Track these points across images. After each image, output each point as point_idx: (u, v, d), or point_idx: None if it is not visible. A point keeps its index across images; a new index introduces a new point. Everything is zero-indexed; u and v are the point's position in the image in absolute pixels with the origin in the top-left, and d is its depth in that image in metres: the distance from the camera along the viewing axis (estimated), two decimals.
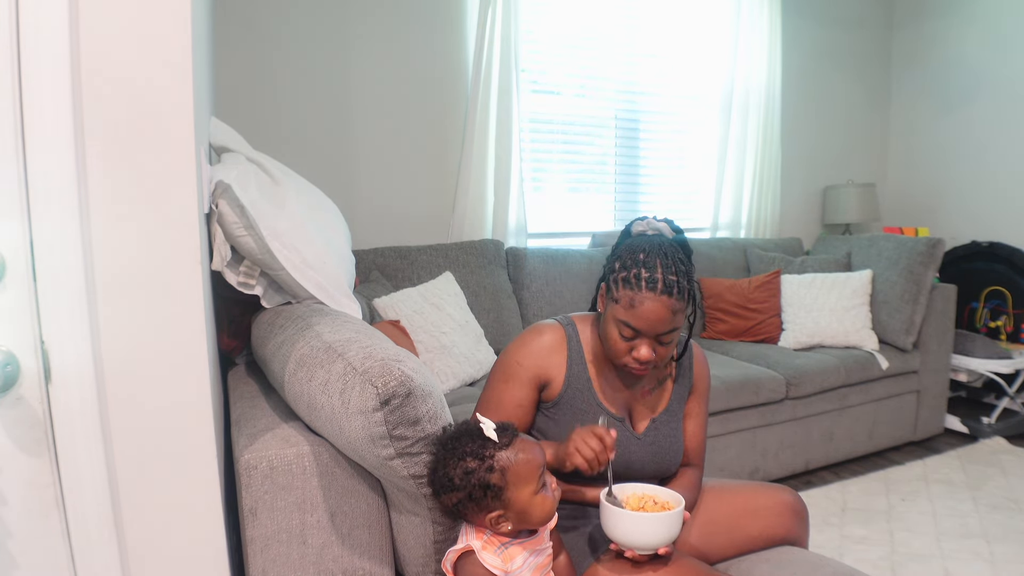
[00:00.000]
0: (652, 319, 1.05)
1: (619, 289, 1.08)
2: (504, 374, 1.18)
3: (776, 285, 2.87)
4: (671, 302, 1.05)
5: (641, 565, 1.01)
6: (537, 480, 0.93)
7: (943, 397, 2.95)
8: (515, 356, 1.17)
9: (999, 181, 3.35)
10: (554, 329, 1.20)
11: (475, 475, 0.90)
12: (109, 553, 0.82)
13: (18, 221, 0.74)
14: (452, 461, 0.91)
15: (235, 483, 1.01)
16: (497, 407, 1.16)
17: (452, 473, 0.91)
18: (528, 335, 1.19)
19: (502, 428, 0.95)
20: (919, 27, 3.70)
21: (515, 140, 2.73)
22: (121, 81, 0.79)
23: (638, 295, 1.05)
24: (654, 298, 1.05)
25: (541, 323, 1.22)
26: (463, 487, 0.90)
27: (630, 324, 1.07)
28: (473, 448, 0.92)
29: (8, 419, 0.76)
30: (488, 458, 0.91)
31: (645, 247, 1.09)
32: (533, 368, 1.17)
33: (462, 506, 0.93)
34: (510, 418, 1.13)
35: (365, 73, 2.60)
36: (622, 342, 1.09)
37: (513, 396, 1.16)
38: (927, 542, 2.08)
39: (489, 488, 0.90)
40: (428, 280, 2.39)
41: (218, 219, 1.20)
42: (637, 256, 1.08)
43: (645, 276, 1.05)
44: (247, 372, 1.45)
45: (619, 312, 1.08)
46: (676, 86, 3.23)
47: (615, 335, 1.10)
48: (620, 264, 1.10)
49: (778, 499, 1.24)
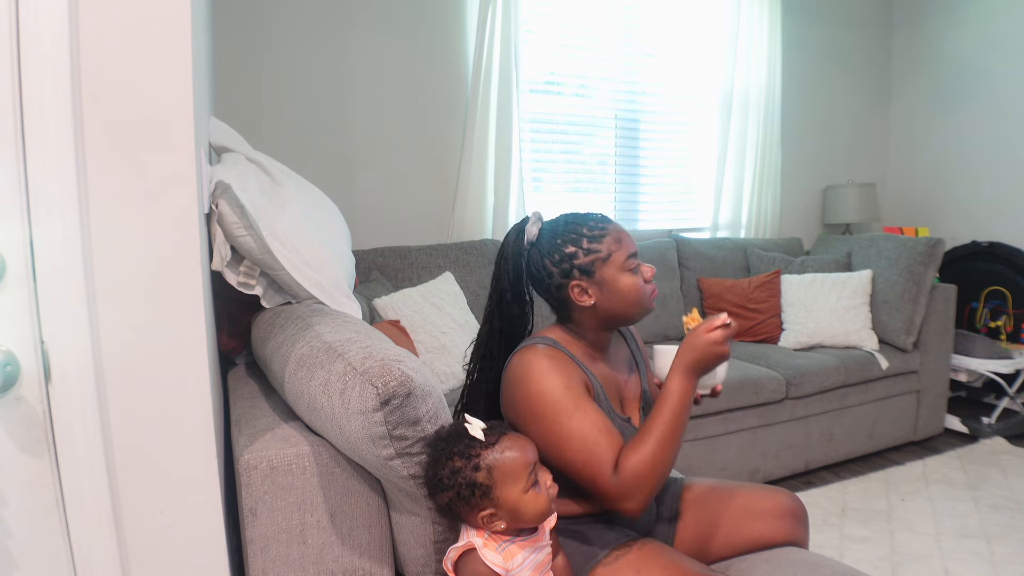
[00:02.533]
0: (631, 236, 1.14)
1: (598, 248, 1.10)
2: (568, 407, 1.02)
3: (776, 285, 2.87)
4: None
5: (642, 565, 1.01)
6: (526, 478, 0.93)
7: (943, 397, 2.95)
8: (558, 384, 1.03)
9: (999, 181, 3.35)
10: (548, 348, 1.09)
11: (461, 474, 0.91)
12: (109, 553, 0.82)
13: (18, 221, 0.74)
14: (441, 461, 0.93)
15: (235, 483, 1.01)
16: (593, 433, 1.01)
17: (441, 473, 0.92)
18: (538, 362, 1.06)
19: (490, 427, 0.96)
20: (919, 27, 3.70)
21: (515, 140, 2.73)
22: (121, 81, 0.79)
23: (611, 232, 1.12)
24: (616, 225, 1.14)
25: (531, 347, 1.09)
26: (451, 486, 0.92)
27: (632, 253, 1.12)
28: (460, 448, 0.93)
29: (8, 419, 0.76)
30: (474, 457, 0.92)
31: (561, 220, 1.14)
32: (580, 381, 1.06)
33: (454, 505, 0.94)
34: (612, 430, 1.02)
35: (365, 73, 2.60)
36: (635, 276, 1.11)
37: (596, 414, 1.03)
38: (927, 542, 2.08)
39: (476, 486, 0.91)
40: (428, 280, 2.39)
41: (218, 219, 1.20)
42: (570, 226, 1.12)
43: (594, 219, 1.13)
44: (247, 372, 1.45)
45: (618, 256, 1.10)
46: (676, 86, 3.23)
47: (631, 279, 1.11)
48: (571, 244, 1.11)
49: (777, 502, 1.24)
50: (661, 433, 1.00)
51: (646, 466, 0.98)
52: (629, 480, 0.98)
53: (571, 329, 1.16)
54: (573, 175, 3.09)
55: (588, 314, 1.13)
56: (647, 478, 0.98)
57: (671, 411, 1.01)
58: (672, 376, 1.04)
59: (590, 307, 1.12)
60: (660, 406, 1.02)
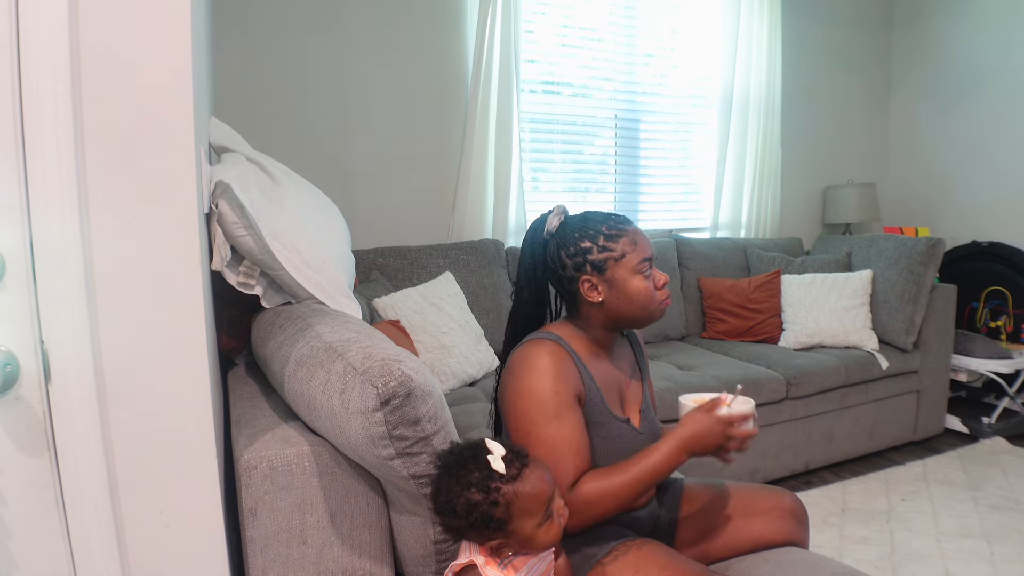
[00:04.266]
0: (649, 241, 1.14)
1: (612, 247, 1.11)
2: (549, 412, 1.04)
3: (776, 285, 2.87)
4: None
5: (641, 565, 1.01)
6: (543, 512, 0.90)
7: (943, 397, 2.95)
8: (548, 387, 1.05)
9: (999, 181, 3.35)
10: (552, 343, 1.09)
11: (479, 509, 0.88)
12: (109, 553, 0.82)
13: (18, 221, 0.74)
14: (456, 489, 0.89)
15: (235, 483, 1.01)
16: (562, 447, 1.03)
17: (455, 502, 0.88)
18: (539, 359, 1.07)
19: (512, 456, 0.91)
20: (919, 26, 3.70)
21: (515, 140, 2.73)
22: (121, 81, 0.79)
23: (628, 233, 1.12)
24: (635, 228, 1.14)
25: (537, 341, 1.10)
26: (464, 517, 0.88)
27: (647, 257, 1.12)
28: (479, 478, 0.88)
29: (8, 419, 0.76)
30: (493, 491, 0.88)
31: (583, 216, 1.15)
32: (572, 389, 1.07)
33: (463, 531, 0.91)
34: (582, 450, 1.05)
35: (365, 73, 2.60)
36: (648, 280, 1.12)
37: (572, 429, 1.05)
38: (927, 542, 2.08)
39: (492, 521, 0.88)
40: (428, 280, 2.39)
41: (218, 219, 1.20)
42: (589, 222, 1.13)
43: (615, 219, 1.13)
44: (247, 372, 1.45)
45: (632, 259, 1.11)
46: (676, 86, 3.23)
47: (641, 283, 1.11)
48: (587, 240, 1.12)
49: (777, 502, 1.24)
50: (631, 478, 1.03)
51: (599, 497, 1.02)
52: (579, 502, 1.02)
53: (578, 324, 1.17)
54: (573, 175, 3.09)
55: (596, 311, 1.14)
56: (595, 506, 1.02)
57: (651, 467, 1.04)
58: (668, 440, 1.06)
59: (598, 304, 1.13)
60: (646, 456, 1.05)
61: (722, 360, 2.56)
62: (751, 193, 3.33)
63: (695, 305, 3.01)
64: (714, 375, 2.36)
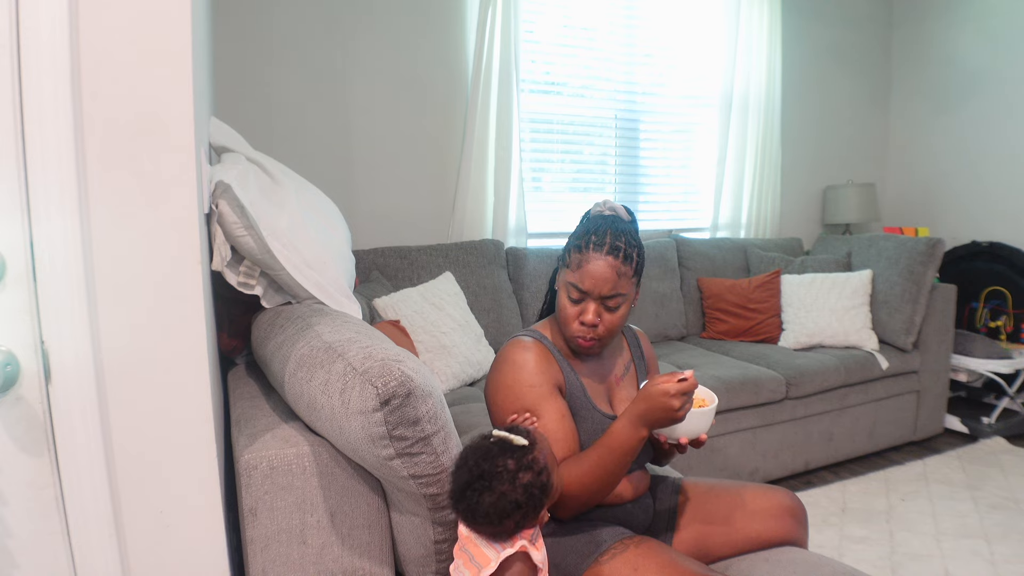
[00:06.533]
0: (597, 277, 1.09)
1: (570, 255, 1.14)
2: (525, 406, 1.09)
3: (776, 285, 2.87)
4: (616, 263, 1.09)
5: (640, 563, 1.01)
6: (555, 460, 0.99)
7: (943, 397, 2.95)
8: (524, 381, 1.10)
9: (999, 181, 3.35)
10: (531, 341, 1.15)
11: (535, 485, 0.91)
12: (109, 553, 0.82)
13: (18, 221, 0.74)
14: (506, 487, 0.89)
15: (235, 483, 1.01)
16: None
17: (511, 495, 0.89)
18: (516, 355, 1.13)
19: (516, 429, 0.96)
20: (919, 27, 3.70)
21: (515, 140, 2.73)
22: (121, 81, 0.79)
23: (586, 255, 1.11)
24: (599, 256, 1.10)
25: (517, 339, 1.16)
26: (527, 500, 0.90)
27: (577, 285, 1.11)
28: (517, 462, 0.91)
29: (8, 419, 0.76)
30: (534, 463, 0.92)
31: (598, 222, 1.15)
32: (550, 380, 1.12)
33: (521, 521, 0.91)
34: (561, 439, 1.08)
35: (365, 73, 2.60)
36: (571, 306, 1.13)
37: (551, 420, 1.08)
38: (927, 542, 2.08)
39: (546, 487, 0.92)
40: (428, 280, 2.39)
41: (218, 219, 1.20)
42: (589, 228, 1.14)
43: (594, 240, 1.11)
44: (247, 372, 1.45)
45: (568, 275, 1.13)
46: (676, 86, 3.23)
47: (564, 300, 1.14)
48: (575, 238, 1.15)
49: (776, 501, 1.24)
50: (596, 456, 1.05)
51: (575, 480, 1.04)
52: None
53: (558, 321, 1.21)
54: (573, 175, 3.09)
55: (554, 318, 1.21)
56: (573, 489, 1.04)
57: (612, 443, 1.04)
58: (622, 416, 1.06)
59: None
60: (606, 435, 1.06)
61: (722, 360, 2.56)
62: (751, 193, 3.33)
63: (695, 305, 3.01)
64: (714, 375, 2.36)
